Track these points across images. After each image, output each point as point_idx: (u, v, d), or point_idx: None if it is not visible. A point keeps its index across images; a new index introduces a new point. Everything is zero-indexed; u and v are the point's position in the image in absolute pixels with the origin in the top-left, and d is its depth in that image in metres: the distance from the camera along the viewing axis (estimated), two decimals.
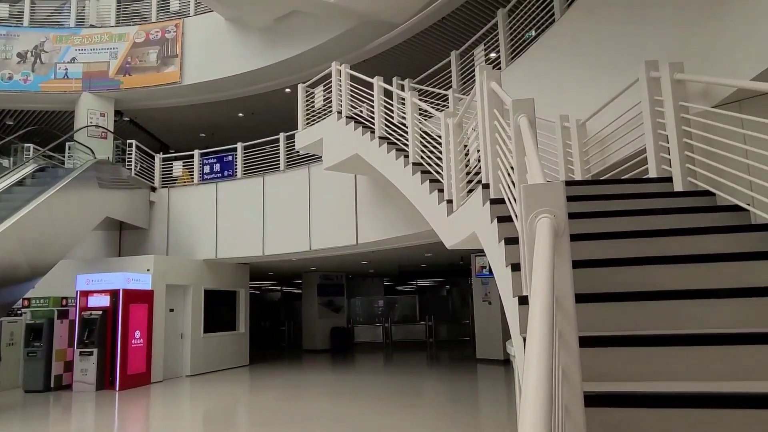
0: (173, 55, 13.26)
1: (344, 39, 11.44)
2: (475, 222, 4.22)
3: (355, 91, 8.32)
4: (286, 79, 13.15)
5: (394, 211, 9.27)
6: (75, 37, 13.52)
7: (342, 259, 14.43)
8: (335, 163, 8.60)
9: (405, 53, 12.08)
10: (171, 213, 12.61)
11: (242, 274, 13.85)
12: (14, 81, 13.08)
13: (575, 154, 5.45)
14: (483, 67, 4.03)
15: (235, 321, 13.71)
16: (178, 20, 13.49)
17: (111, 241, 12.68)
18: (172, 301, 11.76)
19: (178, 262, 11.91)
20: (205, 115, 15.07)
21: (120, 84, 13.32)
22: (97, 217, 10.67)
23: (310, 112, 9.32)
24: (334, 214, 10.60)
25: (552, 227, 1.30)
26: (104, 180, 10.87)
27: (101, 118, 13.15)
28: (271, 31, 12.44)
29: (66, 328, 10.54)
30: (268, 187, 11.79)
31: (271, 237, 11.62)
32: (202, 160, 12.75)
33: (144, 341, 10.68)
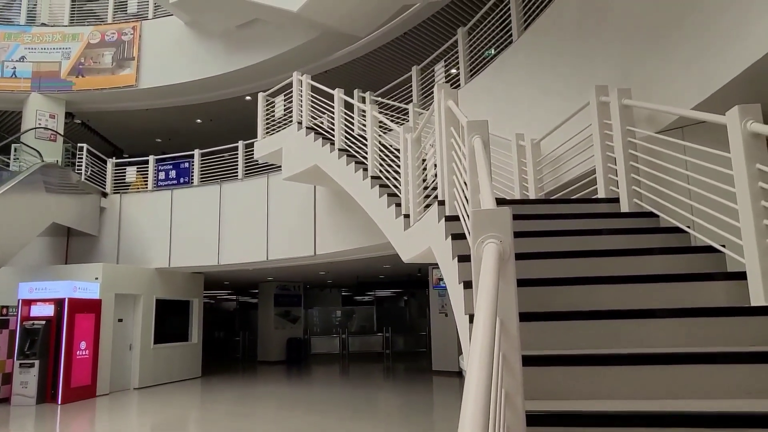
0: (130, 57, 12.92)
1: (306, 49, 11.43)
2: (431, 237, 4.27)
3: (315, 102, 8.31)
4: (247, 87, 13.00)
5: (353, 223, 9.27)
6: (25, 35, 13.00)
7: (300, 269, 14.30)
8: (294, 174, 8.55)
9: (366, 66, 12.17)
10: (123, 220, 12.23)
11: (196, 284, 13.53)
12: None
13: (530, 172, 5.59)
14: (441, 85, 4.10)
15: (188, 331, 13.37)
16: (136, 22, 13.17)
17: (57, 247, 12.18)
18: (122, 311, 11.37)
19: (128, 271, 11.54)
20: (162, 119, 14.73)
21: (72, 85, 12.86)
22: (42, 222, 10.23)
23: (270, 121, 9.25)
24: (292, 224, 10.51)
25: (498, 252, 1.34)
26: (52, 184, 10.46)
27: (51, 120, 12.65)
28: (232, 38, 12.30)
29: (5, 338, 10.03)
30: (226, 196, 11.60)
31: (227, 246, 11.42)
32: (158, 166, 12.44)
33: (90, 352, 10.27)
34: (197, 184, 11.96)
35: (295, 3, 9.57)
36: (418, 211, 4.88)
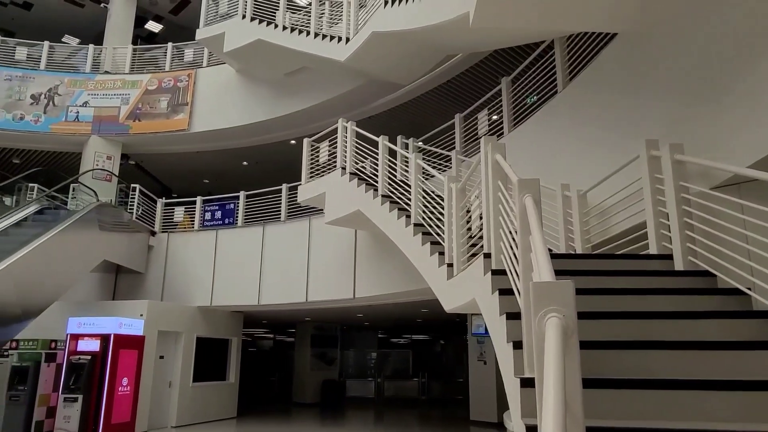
0: (183, 103, 13.57)
1: (350, 96, 11.76)
2: (475, 289, 4.23)
3: (359, 148, 8.49)
4: (292, 132, 13.41)
5: (393, 268, 9.26)
6: (89, 82, 13.88)
7: (337, 311, 14.30)
8: (337, 218, 8.68)
9: (409, 112, 12.39)
10: (169, 258, 12.57)
11: (236, 323, 13.66)
12: (25, 121, 13.33)
13: (575, 224, 5.51)
14: (488, 138, 4.14)
15: (225, 370, 13.42)
16: (191, 70, 13.90)
17: (106, 284, 12.58)
18: (163, 348, 11.55)
19: (172, 308, 11.78)
20: (210, 162, 15.28)
21: (129, 129, 13.57)
22: (95, 259, 10.63)
23: (314, 165, 9.47)
24: (332, 267, 10.58)
25: (561, 328, 1.32)
26: (105, 223, 10.90)
27: (107, 161, 13.32)
28: (280, 85, 12.79)
29: (53, 372, 10.30)
30: (268, 237, 11.81)
31: (267, 287, 11.55)
32: (204, 207, 12.82)
33: (131, 389, 10.42)
34: (241, 225, 12.24)
35: (342, 53, 9.92)
36: (462, 260, 4.86)
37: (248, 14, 11.91)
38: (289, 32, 11.16)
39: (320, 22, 11.04)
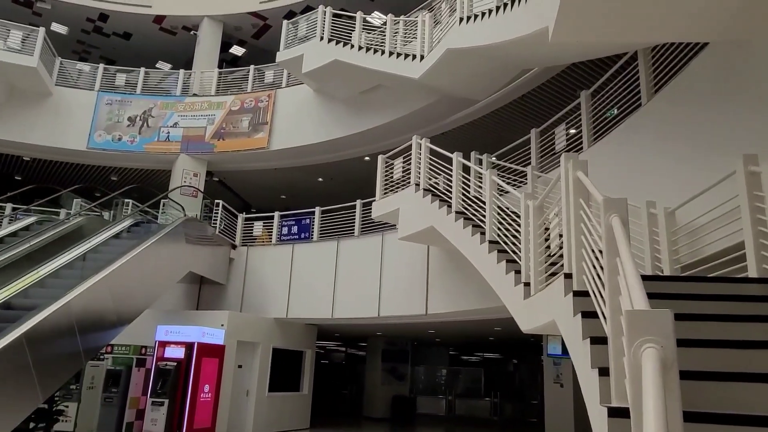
0: (263, 122, 14.20)
1: (424, 113, 11.83)
2: (555, 310, 4.11)
3: (433, 164, 8.51)
4: (366, 148, 13.66)
5: (466, 285, 9.15)
6: (179, 104, 14.86)
7: (409, 326, 14.28)
8: (410, 234, 8.72)
9: (483, 127, 12.29)
10: (248, 270, 13.09)
11: (310, 335, 13.96)
12: (122, 142, 14.46)
13: (663, 244, 5.23)
14: (569, 155, 4.04)
15: (300, 381, 13.72)
16: (271, 91, 14.54)
17: (191, 294, 13.27)
18: (242, 358, 11.99)
19: (250, 319, 12.23)
20: (288, 178, 15.83)
21: (214, 147, 14.38)
22: (181, 271, 11.25)
23: (388, 181, 9.58)
24: (404, 282, 10.61)
25: (660, 360, 1.26)
26: (191, 236, 11.53)
27: (194, 178, 14.16)
28: (355, 103, 13.09)
29: (142, 376, 10.96)
30: (342, 252, 12.03)
31: (341, 300, 11.74)
32: (281, 222, 13.28)
33: (212, 396, 10.88)
34: (316, 240, 12.55)
35: (416, 70, 10.03)
36: (540, 280, 4.73)
37: (326, 36, 12.32)
38: (364, 52, 11.43)
39: (394, 41, 11.22)
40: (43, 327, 7.20)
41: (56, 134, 14.23)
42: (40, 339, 7.12)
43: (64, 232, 10.40)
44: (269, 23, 17.09)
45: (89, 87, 15.01)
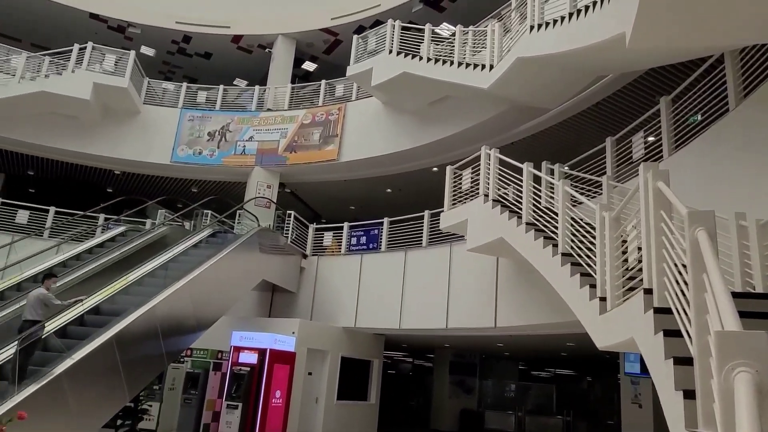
0: (334, 135, 14.55)
1: (493, 123, 11.70)
2: (633, 327, 3.93)
3: (502, 175, 8.39)
4: (434, 159, 13.66)
5: (537, 298, 8.90)
6: (254, 119, 15.53)
7: (477, 339, 14.07)
8: (479, 245, 8.61)
9: (555, 137, 11.98)
10: (318, 280, 13.38)
11: (377, 345, 14.04)
12: (203, 156, 15.28)
13: (755, 258, 4.88)
14: (649, 165, 3.88)
15: (367, 391, 13.81)
16: (341, 104, 14.90)
17: (263, 301, 13.73)
18: (311, 365, 12.22)
19: (320, 328, 12.47)
20: (357, 189, 16.10)
21: (286, 160, 14.90)
22: (255, 279, 11.68)
23: (456, 192, 9.52)
24: (473, 294, 10.47)
25: (755, 385, 1.19)
26: (265, 246, 11.96)
27: (267, 190, 14.71)
28: (423, 114, 13.15)
29: (218, 379, 11.43)
30: (410, 262, 12.04)
31: (408, 311, 11.74)
32: (350, 232, 13.50)
33: (283, 401, 11.16)
34: (384, 250, 12.65)
35: (485, 80, 9.95)
36: (617, 295, 4.55)
37: (394, 49, 12.48)
38: (432, 63, 11.48)
39: (463, 51, 11.19)
40: (131, 330, 7.70)
41: (143, 149, 15.26)
42: (128, 341, 7.62)
43: (150, 240, 11.11)
44: (340, 38, 17.54)
45: (173, 104, 16.00)
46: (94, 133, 14.92)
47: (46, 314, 7.20)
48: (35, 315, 7.10)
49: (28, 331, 6.87)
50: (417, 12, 15.80)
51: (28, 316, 7.11)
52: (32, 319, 7.06)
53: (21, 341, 6.76)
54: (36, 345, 6.96)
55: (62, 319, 7.70)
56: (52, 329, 7.45)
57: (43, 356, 6.93)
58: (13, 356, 6.70)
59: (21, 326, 7.08)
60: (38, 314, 7.11)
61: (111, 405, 7.71)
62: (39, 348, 6.94)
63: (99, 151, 14.98)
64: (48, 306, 7.23)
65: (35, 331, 6.92)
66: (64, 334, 7.67)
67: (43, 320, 7.11)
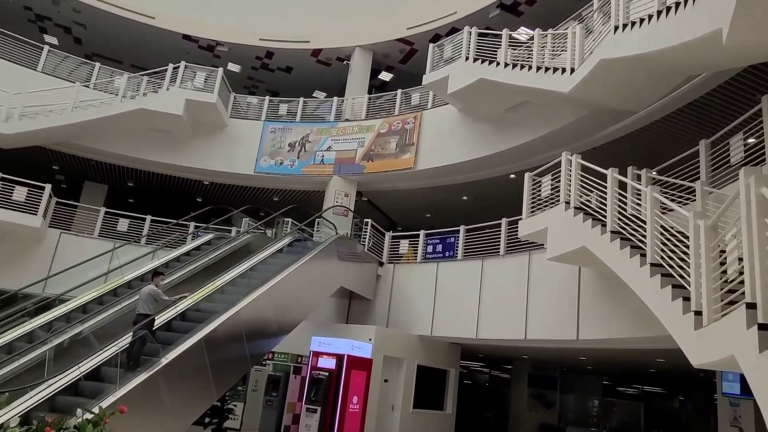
0: (410, 143, 14.66)
1: (573, 127, 11.33)
2: (734, 344, 3.66)
3: (584, 181, 8.10)
4: (511, 166, 13.41)
5: (623, 310, 8.48)
6: (333, 129, 15.98)
7: (558, 351, 13.59)
8: (560, 254, 8.35)
9: (641, 140, 11.39)
10: (394, 287, 13.47)
11: (453, 354, 13.91)
12: (283, 166, 15.91)
13: None
14: (750, 169, 3.61)
15: (443, 400, 13.70)
16: (417, 113, 15.00)
17: (341, 308, 14.00)
18: (387, 372, 12.29)
19: (396, 335, 12.53)
20: (432, 197, 16.10)
21: (363, 169, 15.19)
22: (334, 285, 11.95)
23: (535, 200, 9.29)
24: (553, 305, 10.14)
25: None
26: (343, 253, 12.21)
27: (345, 198, 15.05)
28: (500, 121, 12.96)
29: (298, 383, 11.77)
30: (487, 271, 11.86)
31: (485, 321, 11.55)
32: (426, 240, 13.50)
33: (359, 407, 11.30)
34: (461, 258, 12.53)
35: (566, 84, 9.66)
36: (715, 309, 4.25)
37: (471, 55, 12.40)
38: (510, 68, 11.29)
39: (542, 55, 10.93)
40: (218, 333, 8.13)
41: (229, 160, 16.10)
42: (215, 343, 8.04)
43: (235, 247, 11.66)
44: (415, 48, 17.69)
45: (257, 117, 16.80)
46: (186, 146, 15.92)
47: (156, 309, 7.96)
48: (147, 309, 7.83)
49: (141, 323, 7.61)
50: (494, 18, 15.63)
51: (141, 310, 7.85)
52: (144, 313, 7.81)
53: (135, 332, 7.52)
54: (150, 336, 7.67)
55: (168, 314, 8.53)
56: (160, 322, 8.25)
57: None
58: (128, 345, 7.45)
59: (135, 319, 7.84)
60: (150, 308, 7.84)
61: (200, 403, 8.15)
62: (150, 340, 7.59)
63: (190, 162, 15.97)
64: (158, 301, 7.96)
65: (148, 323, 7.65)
66: (169, 328, 8.44)
67: (153, 314, 7.86)
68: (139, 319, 7.71)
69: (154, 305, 7.90)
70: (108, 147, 15.45)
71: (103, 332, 8.28)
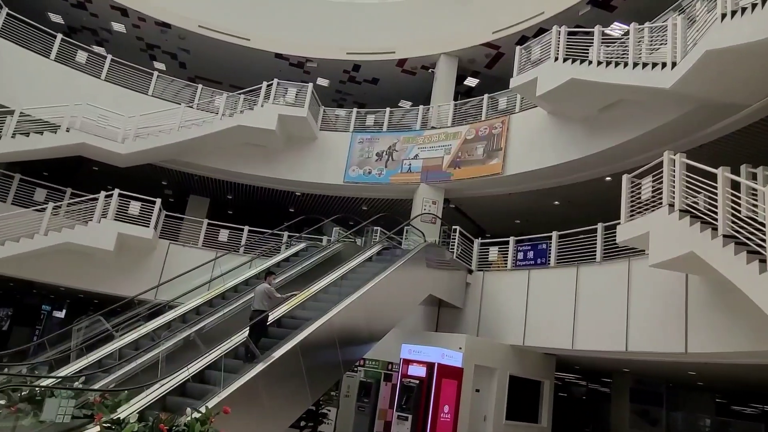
0: (497, 148, 14.42)
1: (675, 125, 10.63)
2: None
3: (690, 182, 7.55)
4: (606, 168, 12.81)
5: (740, 321, 7.77)
6: (419, 137, 16.10)
7: (663, 365, 12.68)
8: (664, 261, 7.82)
9: (755, 136, 10.43)
10: (484, 295, 13.24)
11: (548, 365, 13.41)
12: (372, 175, 16.24)
13: None
14: None
15: (537, 413, 13.23)
16: (505, 117, 14.75)
17: (430, 316, 13.97)
18: (478, 382, 12.08)
19: (486, 345, 12.29)
20: (521, 202, 15.70)
21: (450, 176, 15.15)
22: (423, 293, 11.96)
23: (634, 203, 8.78)
24: (657, 315, 9.49)
25: None
26: (431, 261, 12.20)
27: (432, 206, 15.07)
28: (593, 121, 12.42)
29: (389, 390, 11.85)
30: (582, 279, 11.34)
31: (582, 331, 11.03)
32: (517, 247, 13.16)
33: (451, 417, 11.17)
34: (554, 266, 12.09)
35: (667, 80, 9.09)
36: None
37: (560, 56, 12.00)
38: (603, 67, 10.80)
39: (638, 50, 10.36)
40: (312, 338, 8.40)
41: (320, 171, 16.69)
42: (309, 349, 8.32)
43: (327, 256, 12.02)
44: (501, 51, 17.41)
45: (345, 129, 17.32)
46: (279, 158, 16.70)
47: (270, 305, 8.67)
48: (262, 306, 8.57)
49: (257, 318, 8.32)
50: (584, 15, 15.03)
51: (257, 306, 8.60)
52: (259, 309, 8.52)
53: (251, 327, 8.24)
54: (264, 330, 8.40)
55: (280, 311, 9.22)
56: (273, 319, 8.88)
57: (234, 363, 7.84)
58: (246, 339, 8.10)
59: (251, 315, 8.57)
60: (264, 305, 8.58)
61: (296, 406, 8.45)
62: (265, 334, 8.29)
63: (283, 174, 16.74)
64: (271, 298, 8.68)
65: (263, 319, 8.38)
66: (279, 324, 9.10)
67: (267, 310, 8.53)
68: (255, 315, 8.40)
69: (268, 302, 8.58)
70: (209, 162, 16.55)
71: (208, 336, 8.83)
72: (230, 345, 8.12)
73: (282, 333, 8.63)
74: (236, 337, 8.27)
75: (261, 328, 8.39)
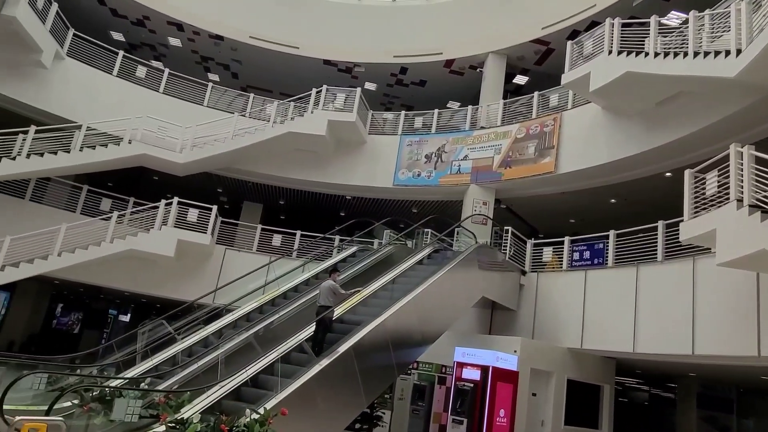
0: (549, 146, 14.09)
1: (741, 116, 10.09)
2: None
3: (760, 175, 7.13)
4: (666, 164, 12.29)
5: None
6: (468, 138, 15.94)
7: (733, 369, 12.01)
8: (733, 259, 7.40)
9: None
10: (538, 297, 12.94)
11: (607, 369, 12.94)
12: (421, 177, 16.22)
13: None
14: None
15: (597, 418, 12.79)
16: (556, 114, 14.39)
17: (483, 318, 13.77)
18: (535, 386, 11.80)
19: (543, 347, 12.00)
20: (575, 201, 15.27)
21: (501, 176, 14.92)
22: (475, 295, 11.80)
23: (698, 199, 8.37)
24: (726, 316, 9.02)
25: None
26: (483, 262, 12.03)
27: (483, 206, 14.88)
28: (650, 116, 11.96)
29: (443, 393, 11.77)
30: (643, 279, 10.90)
31: (643, 333, 10.61)
32: (572, 247, 12.79)
33: (507, 421, 10.96)
34: (611, 266, 11.68)
35: (731, 68, 8.64)
36: None
37: (614, 49, 11.61)
38: (661, 58, 10.38)
39: (699, 39, 9.89)
40: (366, 341, 8.44)
41: (369, 175, 16.81)
42: (363, 351, 8.35)
43: (378, 259, 12.07)
44: (551, 47, 17.02)
45: (393, 132, 17.39)
46: (329, 163, 16.93)
47: (335, 301, 8.95)
48: (327, 301, 8.86)
49: (324, 313, 8.61)
50: (638, 5, 14.49)
51: (322, 302, 8.89)
52: (325, 305, 8.81)
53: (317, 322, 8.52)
54: (330, 325, 8.67)
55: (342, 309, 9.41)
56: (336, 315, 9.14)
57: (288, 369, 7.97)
58: (313, 333, 8.47)
59: (317, 311, 8.86)
60: (330, 301, 8.87)
61: (351, 409, 8.50)
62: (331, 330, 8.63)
63: (333, 179, 16.95)
64: (336, 294, 8.96)
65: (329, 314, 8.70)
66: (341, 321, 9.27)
67: (333, 306, 8.82)
68: (321, 311, 8.65)
69: (333, 298, 8.83)
70: (262, 169, 16.96)
71: (265, 338, 9.03)
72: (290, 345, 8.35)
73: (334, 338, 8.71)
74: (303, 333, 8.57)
75: (327, 323, 8.63)
